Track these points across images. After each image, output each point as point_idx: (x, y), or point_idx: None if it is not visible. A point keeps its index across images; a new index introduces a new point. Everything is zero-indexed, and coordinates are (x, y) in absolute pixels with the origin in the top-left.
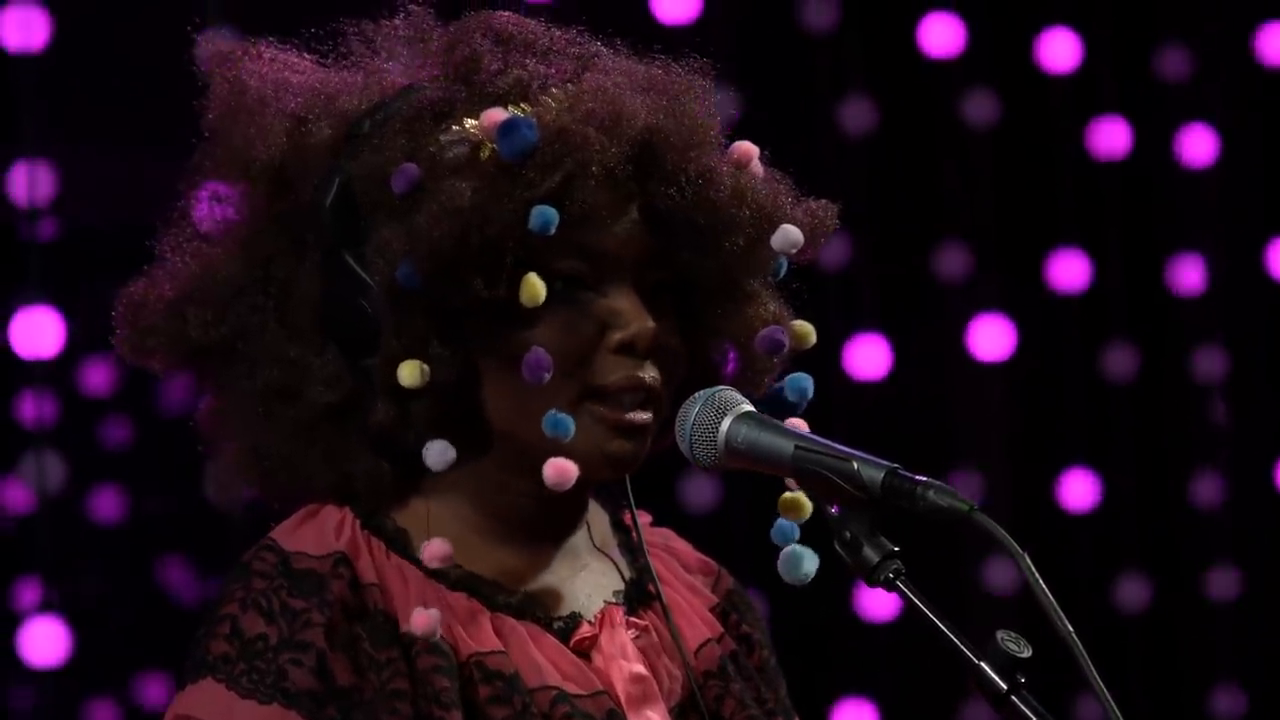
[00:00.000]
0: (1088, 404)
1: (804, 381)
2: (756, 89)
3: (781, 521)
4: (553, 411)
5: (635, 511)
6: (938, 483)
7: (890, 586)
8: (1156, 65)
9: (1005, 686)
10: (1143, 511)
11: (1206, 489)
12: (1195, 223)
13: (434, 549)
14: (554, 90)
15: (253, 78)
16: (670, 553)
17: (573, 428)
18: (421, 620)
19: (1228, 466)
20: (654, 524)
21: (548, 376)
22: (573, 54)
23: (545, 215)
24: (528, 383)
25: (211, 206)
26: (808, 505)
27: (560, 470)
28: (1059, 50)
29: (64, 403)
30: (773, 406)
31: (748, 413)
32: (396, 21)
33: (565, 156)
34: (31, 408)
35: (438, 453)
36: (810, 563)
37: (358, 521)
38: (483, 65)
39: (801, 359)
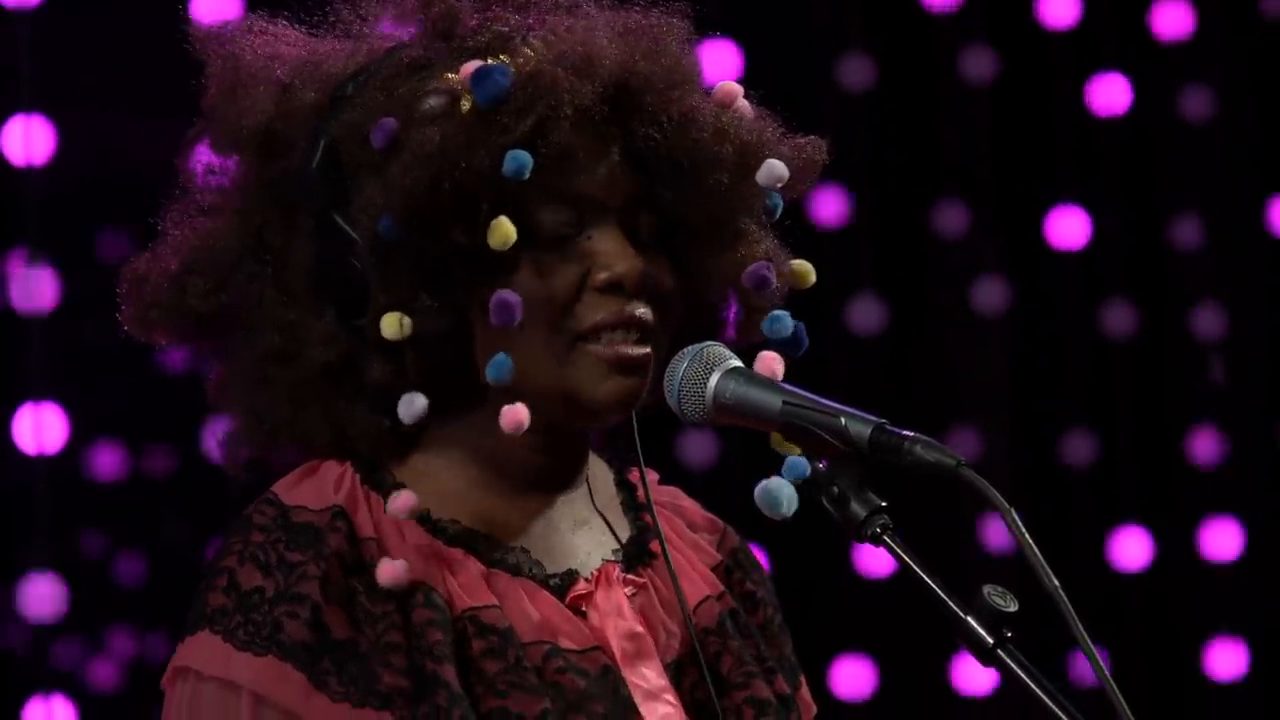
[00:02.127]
0: (1087, 361)
1: (783, 320)
2: (755, 45)
3: (793, 459)
4: (499, 354)
5: (644, 468)
6: (925, 437)
7: (877, 541)
8: (1156, 21)
9: (991, 640)
10: (1141, 468)
11: (1205, 446)
12: (1194, 180)
13: (399, 500)
14: (534, 41)
15: (247, 52)
16: (677, 511)
17: (511, 371)
18: (387, 571)
19: (1226, 423)
20: (660, 482)
21: (519, 317)
22: (550, 4)
23: (519, 159)
24: (497, 326)
25: (207, 179)
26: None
27: (513, 416)
28: (1058, 6)
29: (63, 359)
30: (775, 350)
31: (736, 368)
32: None
33: (537, 100)
34: (30, 364)
35: (408, 405)
36: (788, 499)
37: (357, 476)
38: (460, 20)
39: (799, 314)
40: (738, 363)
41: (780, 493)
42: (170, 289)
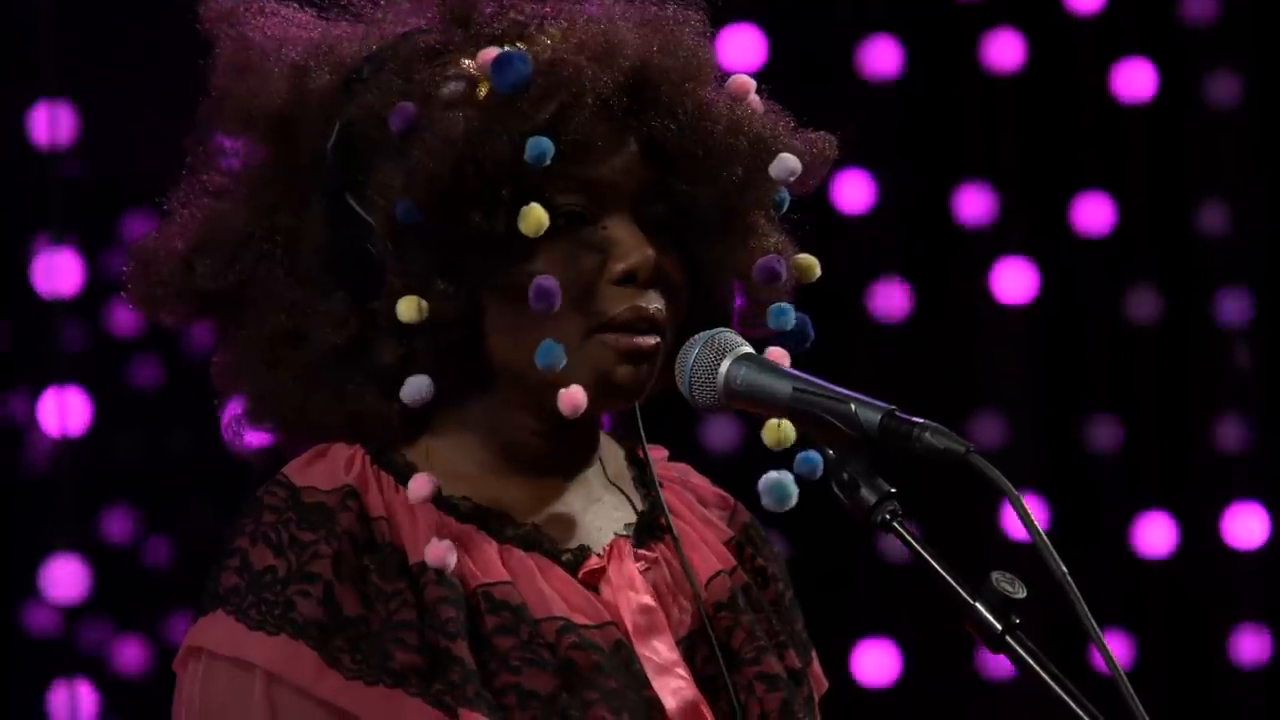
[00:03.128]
0: (1112, 347)
1: (787, 313)
2: (780, 32)
3: (803, 453)
4: (547, 341)
5: (647, 445)
6: (934, 424)
7: (887, 528)
8: (1181, 7)
9: (1000, 627)
10: (1166, 455)
11: (1229, 432)
12: (1220, 165)
13: (417, 485)
14: (550, 29)
15: (257, 33)
16: (687, 487)
17: (563, 356)
18: (435, 551)
19: (1251, 409)
20: (670, 460)
21: (558, 304)
22: None
23: (541, 146)
24: (536, 312)
25: (218, 160)
26: (790, 434)
27: (572, 399)
28: None
29: (90, 343)
30: (780, 343)
31: (747, 354)
32: None
33: (559, 87)
34: (56, 347)
35: (414, 389)
36: (794, 492)
37: (367, 457)
38: (478, 8)
39: (823, 301)
40: (749, 349)
41: (788, 486)
42: (177, 268)
